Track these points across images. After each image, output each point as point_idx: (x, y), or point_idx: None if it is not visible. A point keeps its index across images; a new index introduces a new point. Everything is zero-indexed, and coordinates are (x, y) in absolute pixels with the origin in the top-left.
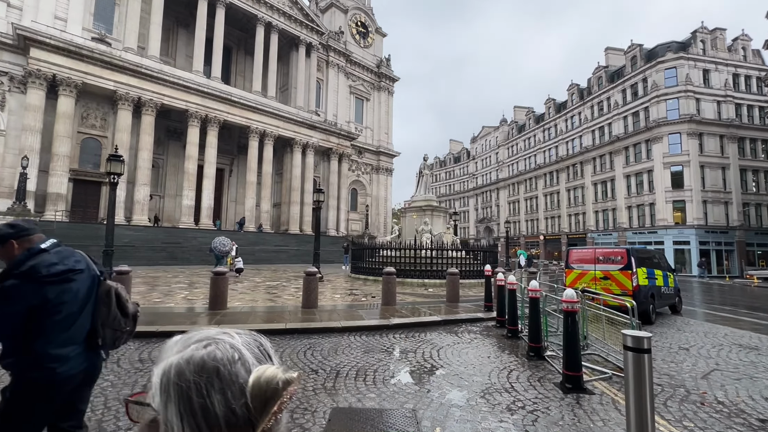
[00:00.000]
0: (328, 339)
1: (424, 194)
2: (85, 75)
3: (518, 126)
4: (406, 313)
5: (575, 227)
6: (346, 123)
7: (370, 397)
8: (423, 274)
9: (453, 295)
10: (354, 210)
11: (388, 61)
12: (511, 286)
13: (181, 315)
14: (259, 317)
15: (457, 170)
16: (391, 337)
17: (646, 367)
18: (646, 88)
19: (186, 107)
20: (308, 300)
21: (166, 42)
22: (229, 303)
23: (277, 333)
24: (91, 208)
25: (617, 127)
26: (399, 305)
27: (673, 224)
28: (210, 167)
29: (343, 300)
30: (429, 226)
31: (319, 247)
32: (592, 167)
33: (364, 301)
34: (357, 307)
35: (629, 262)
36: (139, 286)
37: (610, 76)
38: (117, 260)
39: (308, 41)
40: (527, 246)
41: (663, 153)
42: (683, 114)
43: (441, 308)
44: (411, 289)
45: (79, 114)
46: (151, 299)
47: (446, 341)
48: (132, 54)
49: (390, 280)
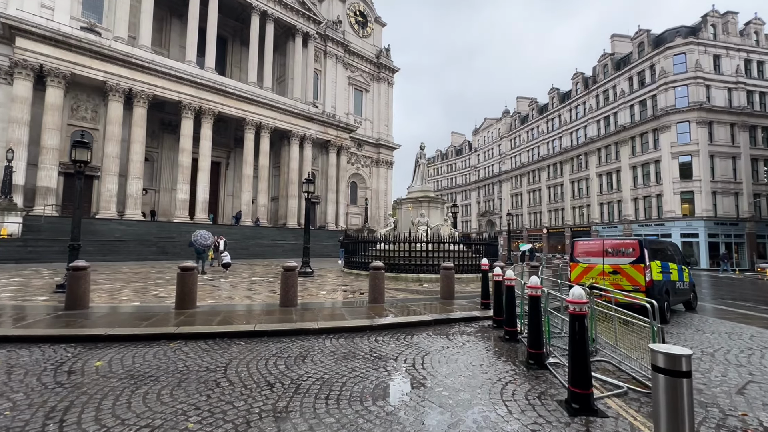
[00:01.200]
0: (301, 343)
1: (421, 185)
2: (73, 65)
3: (521, 117)
4: (394, 311)
5: (579, 220)
6: (344, 115)
7: (327, 423)
8: (418, 268)
9: (447, 291)
10: (354, 204)
11: (387, 52)
12: (509, 281)
13: (141, 316)
14: (227, 318)
15: (459, 163)
16: (373, 340)
17: (685, 395)
18: (654, 76)
19: (179, 98)
20: (286, 298)
21: (159, 33)
22: (203, 301)
23: (244, 336)
24: (84, 202)
25: (623, 116)
26: (388, 302)
27: (681, 216)
28: (205, 160)
29: (329, 297)
30: (425, 218)
31: (309, 241)
32: (597, 158)
33: (351, 298)
34: (342, 304)
35: (642, 255)
36: (114, 283)
37: (617, 63)
38: (105, 255)
39: (305, 31)
40: (530, 239)
41: (671, 142)
42: (692, 102)
43: (434, 306)
44: (405, 284)
45: (69, 106)
46: (118, 297)
47: (435, 345)
48: (122, 43)
49: (377, 276)
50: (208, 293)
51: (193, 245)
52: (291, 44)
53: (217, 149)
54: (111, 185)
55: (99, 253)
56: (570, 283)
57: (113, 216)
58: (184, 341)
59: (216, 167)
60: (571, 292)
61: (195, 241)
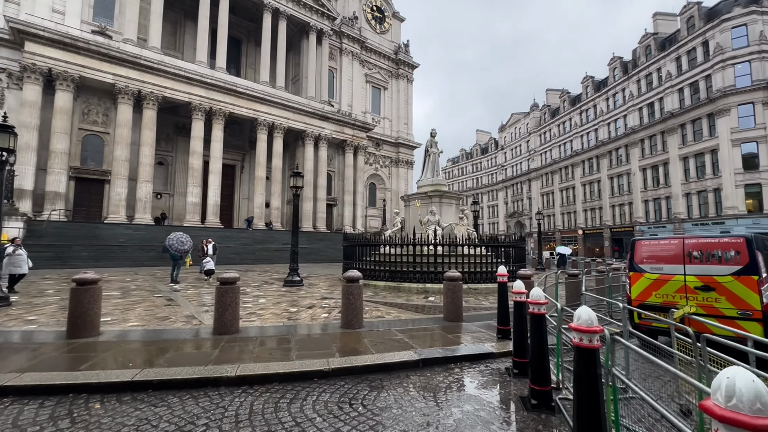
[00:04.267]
0: (195, 404)
1: (432, 177)
2: (82, 68)
3: (551, 110)
4: (368, 343)
5: (620, 219)
6: (361, 113)
7: None
8: (424, 276)
9: (453, 310)
10: (372, 206)
11: (406, 47)
12: (536, 307)
13: None
14: (116, 356)
15: (485, 162)
16: (313, 399)
17: None
18: (708, 53)
19: (189, 100)
20: (221, 321)
21: (173, 36)
22: (125, 323)
23: (113, 390)
24: (95, 206)
25: (670, 101)
26: (368, 327)
27: (746, 213)
28: (216, 162)
29: (296, 317)
30: (436, 216)
31: (297, 244)
32: (640, 150)
33: (323, 320)
34: (304, 330)
35: (753, 261)
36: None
37: (661, 43)
38: (98, 261)
39: (319, 27)
40: (563, 241)
41: (731, 128)
42: (756, 80)
43: (430, 334)
44: (406, 297)
45: (80, 110)
46: (48, 312)
47: (410, 415)
48: (131, 45)
49: (351, 290)
50: (147, 310)
51: (168, 250)
52: (305, 42)
53: (231, 152)
54: (120, 189)
55: (92, 259)
56: (630, 302)
57: (122, 220)
58: None
59: (230, 170)
60: (577, 314)
61: (170, 246)
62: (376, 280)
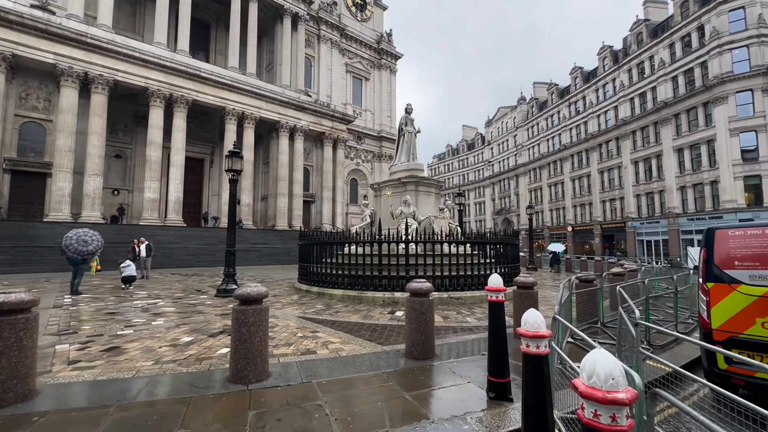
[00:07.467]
0: None
1: (407, 162)
2: (16, 46)
3: (539, 104)
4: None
5: (611, 215)
6: (341, 105)
7: None
8: (393, 283)
9: (420, 341)
10: (354, 202)
11: (389, 36)
12: (533, 342)
13: None
14: None
15: (471, 158)
16: None
17: None
18: (703, 39)
19: (146, 84)
20: None
21: (132, 17)
22: None
23: None
24: (35, 203)
25: (664, 90)
26: (278, 374)
27: (745, 206)
28: (178, 154)
29: (182, 353)
30: (411, 208)
31: (233, 244)
32: (632, 142)
33: (216, 360)
34: (151, 391)
35: None
36: None
37: (653, 30)
38: (14, 266)
39: (294, 11)
40: (552, 238)
41: (728, 117)
42: (755, 65)
43: (377, 394)
44: (367, 310)
45: (17, 94)
46: None
47: None
48: (75, 21)
49: (245, 317)
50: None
51: (65, 252)
52: (279, 27)
53: (199, 145)
54: (63, 183)
55: (8, 263)
56: (709, 336)
57: (65, 218)
58: None
59: (199, 164)
60: (584, 363)
61: (67, 247)
62: (332, 288)
